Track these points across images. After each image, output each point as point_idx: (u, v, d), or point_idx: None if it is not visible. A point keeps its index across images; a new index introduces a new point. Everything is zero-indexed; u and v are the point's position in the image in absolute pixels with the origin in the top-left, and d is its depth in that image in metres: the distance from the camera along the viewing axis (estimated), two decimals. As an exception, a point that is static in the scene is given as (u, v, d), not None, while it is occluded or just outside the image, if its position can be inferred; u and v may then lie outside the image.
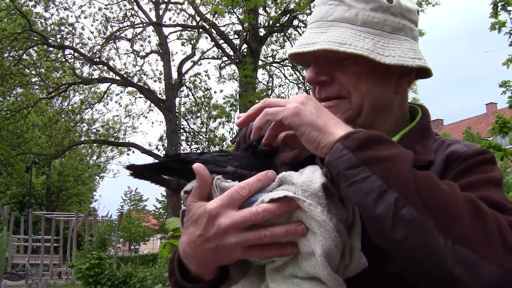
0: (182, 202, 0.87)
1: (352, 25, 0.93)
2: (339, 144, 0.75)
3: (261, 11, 16.03)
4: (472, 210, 0.72)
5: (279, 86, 18.05)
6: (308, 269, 0.76)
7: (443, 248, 0.68)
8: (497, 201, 0.78)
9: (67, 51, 17.80)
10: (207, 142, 18.84)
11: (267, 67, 17.67)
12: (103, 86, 19.87)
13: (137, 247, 43.39)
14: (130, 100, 27.49)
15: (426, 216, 0.69)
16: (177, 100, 18.86)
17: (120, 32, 18.19)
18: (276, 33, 17.27)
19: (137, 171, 0.86)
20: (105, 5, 17.66)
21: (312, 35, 0.95)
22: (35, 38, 16.87)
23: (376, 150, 0.74)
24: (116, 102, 20.86)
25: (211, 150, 0.96)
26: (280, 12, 15.67)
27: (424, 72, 1.01)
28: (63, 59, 17.93)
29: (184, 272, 0.88)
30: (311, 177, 0.77)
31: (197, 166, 0.80)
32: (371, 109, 0.95)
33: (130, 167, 0.85)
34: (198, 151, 0.87)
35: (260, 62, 16.33)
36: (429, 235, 0.68)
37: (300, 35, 14.39)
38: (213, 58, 18.67)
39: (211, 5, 14.98)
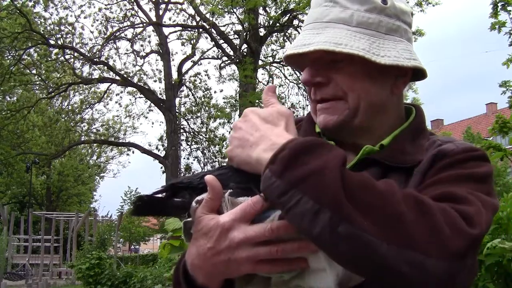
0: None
1: (347, 25, 0.93)
2: (267, 171, 0.74)
3: (261, 11, 16.03)
4: (413, 207, 0.71)
5: (279, 86, 18.05)
6: (314, 284, 0.76)
7: (387, 254, 0.68)
8: (454, 194, 0.77)
9: (67, 51, 17.80)
10: (207, 142, 18.84)
11: (267, 67, 17.68)
12: (103, 86, 19.89)
13: (137, 247, 43.35)
14: (130, 100, 27.51)
15: (363, 228, 0.68)
16: (177, 100, 18.87)
17: (120, 32, 18.18)
18: (276, 33, 17.26)
19: (144, 205, 0.84)
20: (105, 5, 17.68)
21: (307, 36, 0.94)
22: (35, 38, 16.87)
23: (305, 164, 0.72)
24: (116, 102, 20.90)
25: (212, 168, 0.95)
26: (280, 12, 15.68)
27: (419, 74, 1.00)
28: (63, 59, 17.93)
29: (189, 282, 0.87)
30: None
31: (209, 178, 0.80)
32: (368, 109, 0.94)
33: (140, 198, 0.84)
34: (199, 174, 0.86)
35: (260, 62, 16.33)
36: (371, 246, 0.68)
37: (300, 35, 14.37)
38: (213, 58, 18.66)
39: (211, 5, 14.99)
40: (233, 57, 16.20)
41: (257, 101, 14.57)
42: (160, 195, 0.85)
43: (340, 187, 0.70)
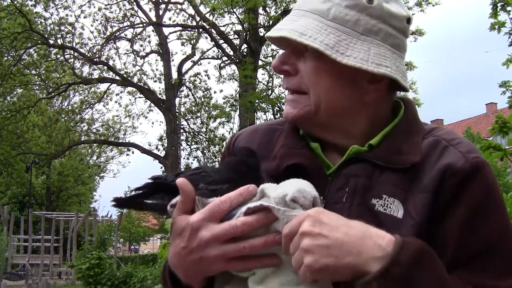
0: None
1: (322, 18, 0.89)
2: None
3: (261, 11, 16.04)
4: None
5: (279, 86, 18.06)
6: (290, 278, 0.78)
7: None
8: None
9: (67, 51, 17.80)
10: (207, 142, 18.85)
11: (267, 67, 17.67)
12: (103, 86, 19.89)
13: (137, 247, 43.40)
14: (130, 100, 27.46)
15: None
16: (177, 100, 18.89)
17: (120, 32, 18.19)
18: (276, 33, 17.24)
19: (122, 203, 0.92)
20: (105, 5, 17.68)
21: (285, 22, 0.93)
22: (35, 38, 16.87)
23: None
24: (116, 102, 20.89)
25: (187, 169, 0.99)
26: (280, 12, 15.67)
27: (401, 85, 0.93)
28: (63, 59, 17.93)
29: (175, 281, 0.89)
30: (285, 190, 0.79)
31: (180, 181, 0.82)
32: (330, 110, 0.91)
33: (116, 199, 0.90)
34: (175, 173, 0.90)
35: (260, 62, 16.33)
36: None
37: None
38: (213, 58, 18.68)
39: (211, 4, 14.99)
40: (233, 57, 16.20)
41: (257, 101, 14.58)
42: (137, 196, 0.89)
43: None
